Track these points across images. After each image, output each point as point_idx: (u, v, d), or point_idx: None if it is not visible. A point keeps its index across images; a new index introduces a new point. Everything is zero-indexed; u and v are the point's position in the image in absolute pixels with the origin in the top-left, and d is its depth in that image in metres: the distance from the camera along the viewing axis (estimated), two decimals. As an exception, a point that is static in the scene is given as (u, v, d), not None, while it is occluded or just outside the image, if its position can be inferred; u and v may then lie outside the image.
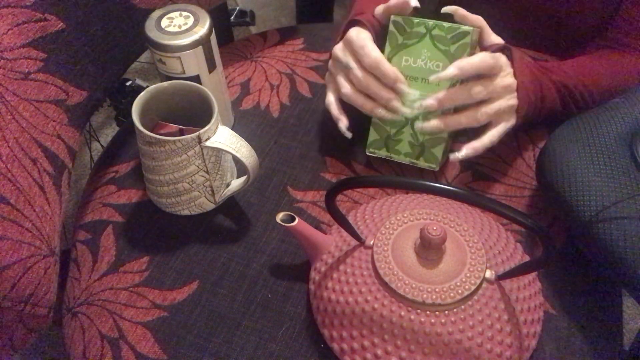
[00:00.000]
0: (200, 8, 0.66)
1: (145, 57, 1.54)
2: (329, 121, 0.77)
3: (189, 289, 0.63)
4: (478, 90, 0.60)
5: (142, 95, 0.61)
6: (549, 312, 0.60)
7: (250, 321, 0.60)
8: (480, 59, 0.60)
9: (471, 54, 0.62)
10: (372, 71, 0.62)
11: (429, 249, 0.51)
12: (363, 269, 0.54)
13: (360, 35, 0.63)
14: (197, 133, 0.58)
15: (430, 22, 0.62)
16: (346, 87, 0.64)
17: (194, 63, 0.65)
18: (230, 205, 0.69)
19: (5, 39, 0.58)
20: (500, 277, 0.52)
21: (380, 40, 0.64)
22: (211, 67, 0.67)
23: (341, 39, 0.66)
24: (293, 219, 0.56)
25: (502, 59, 0.62)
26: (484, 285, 0.52)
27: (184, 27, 0.64)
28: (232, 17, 1.45)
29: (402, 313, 0.50)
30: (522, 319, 0.52)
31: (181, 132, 0.64)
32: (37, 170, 0.58)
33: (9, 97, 0.57)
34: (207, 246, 0.66)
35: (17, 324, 0.56)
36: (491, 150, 0.72)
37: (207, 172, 0.63)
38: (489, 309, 0.51)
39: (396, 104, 0.63)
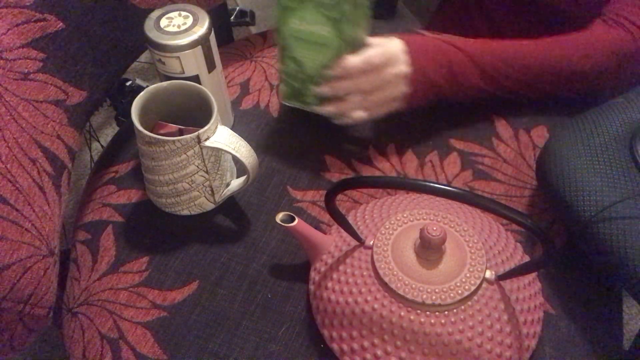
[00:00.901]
0: (200, 8, 0.66)
1: (145, 57, 1.54)
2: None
3: (189, 289, 0.63)
4: (365, 82, 0.65)
5: (141, 95, 0.61)
6: (549, 312, 0.60)
7: (250, 321, 0.60)
8: (364, 60, 0.63)
9: (361, 14, 0.64)
10: None
11: (429, 249, 0.51)
12: (363, 269, 0.54)
13: None
14: (196, 133, 0.58)
15: None
16: None
17: (193, 63, 0.65)
18: (230, 205, 0.69)
19: (5, 39, 0.58)
20: (500, 278, 0.52)
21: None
22: (210, 67, 0.67)
23: None
24: (293, 219, 0.56)
25: (393, 49, 0.65)
26: (484, 285, 0.52)
27: (183, 27, 0.64)
28: (232, 17, 1.45)
29: (402, 313, 0.50)
30: (522, 319, 0.52)
31: (181, 132, 0.64)
32: (36, 171, 0.58)
33: (9, 97, 0.57)
34: (207, 246, 0.66)
35: (16, 324, 0.56)
36: (491, 150, 0.72)
37: (206, 172, 0.63)
38: (489, 310, 0.51)
39: None
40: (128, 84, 1.29)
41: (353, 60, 0.64)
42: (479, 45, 0.70)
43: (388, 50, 0.65)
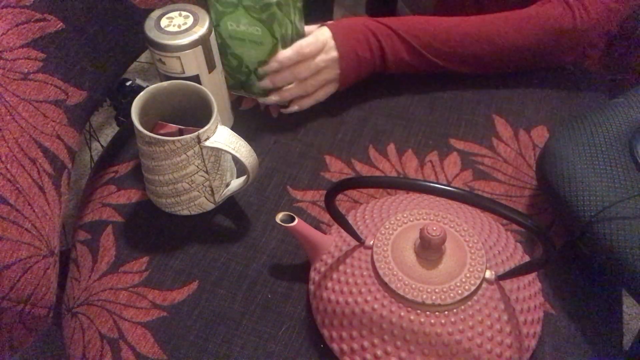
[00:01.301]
0: (200, 8, 0.66)
1: (145, 57, 1.54)
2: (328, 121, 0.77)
3: (188, 289, 0.63)
4: (300, 71, 0.71)
5: (141, 95, 0.61)
6: (549, 312, 0.60)
7: (250, 321, 0.60)
8: (295, 51, 0.69)
9: (291, 12, 0.69)
10: None
11: (429, 249, 0.51)
12: (363, 269, 0.54)
13: None
14: (196, 133, 0.58)
15: None
16: None
17: (193, 63, 0.65)
18: (230, 205, 0.69)
19: (5, 39, 0.58)
20: (500, 278, 0.52)
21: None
22: (211, 67, 0.67)
23: None
24: (293, 219, 0.56)
25: (321, 37, 0.71)
26: (484, 285, 0.52)
27: (183, 27, 0.64)
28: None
29: (402, 313, 0.50)
30: (522, 319, 0.52)
31: (181, 132, 0.64)
32: (36, 171, 0.58)
33: (9, 97, 0.57)
34: (207, 246, 0.66)
35: (16, 324, 0.56)
36: (491, 150, 0.72)
37: (206, 172, 0.63)
38: (489, 310, 0.51)
39: None
40: (128, 84, 1.29)
41: (285, 53, 0.69)
42: (409, 22, 0.73)
43: (317, 39, 0.71)
